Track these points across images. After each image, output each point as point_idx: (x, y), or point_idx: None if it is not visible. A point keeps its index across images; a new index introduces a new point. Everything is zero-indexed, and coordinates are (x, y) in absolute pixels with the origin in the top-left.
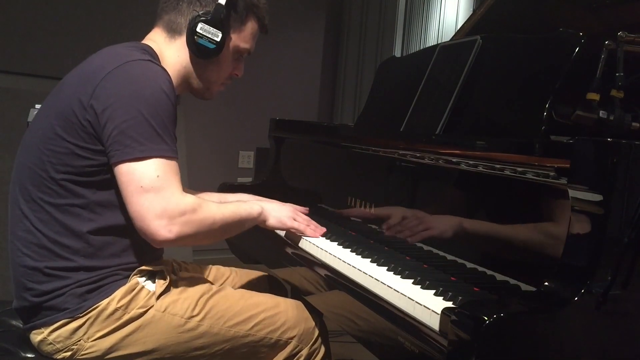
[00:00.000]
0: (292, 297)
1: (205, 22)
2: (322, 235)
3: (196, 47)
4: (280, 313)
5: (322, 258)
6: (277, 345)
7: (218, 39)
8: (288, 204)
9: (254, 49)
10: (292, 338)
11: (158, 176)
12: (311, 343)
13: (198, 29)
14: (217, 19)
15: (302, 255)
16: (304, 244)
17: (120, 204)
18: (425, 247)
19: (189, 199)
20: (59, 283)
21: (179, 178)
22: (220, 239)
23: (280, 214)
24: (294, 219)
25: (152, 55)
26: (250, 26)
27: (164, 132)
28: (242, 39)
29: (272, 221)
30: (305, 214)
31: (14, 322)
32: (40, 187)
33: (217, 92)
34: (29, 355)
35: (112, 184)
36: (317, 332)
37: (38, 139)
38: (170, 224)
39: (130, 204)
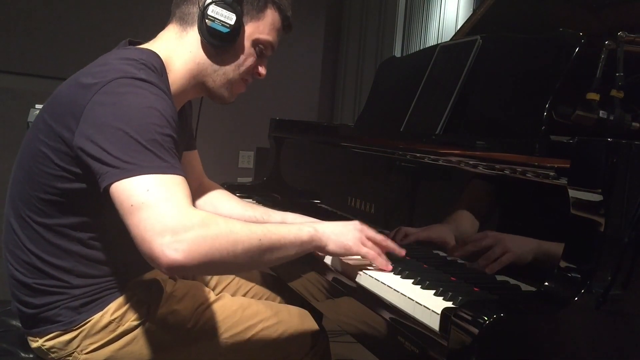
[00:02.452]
0: (292, 299)
1: (217, 4)
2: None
3: (208, 32)
4: (280, 322)
5: (321, 258)
6: (277, 355)
7: (232, 22)
8: (353, 222)
9: (277, 45)
10: (291, 347)
11: (148, 190)
12: (312, 352)
13: (209, 12)
14: (229, 1)
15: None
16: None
17: (110, 223)
18: (425, 247)
19: (198, 213)
20: (52, 298)
21: (183, 192)
22: (253, 267)
23: (344, 237)
24: (363, 243)
25: (152, 68)
26: (270, 16)
27: (156, 147)
28: (261, 29)
29: (332, 247)
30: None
31: (13, 322)
32: (29, 206)
33: (236, 93)
34: (29, 355)
35: (100, 206)
36: (317, 340)
37: (30, 156)
38: (175, 240)
39: (129, 228)
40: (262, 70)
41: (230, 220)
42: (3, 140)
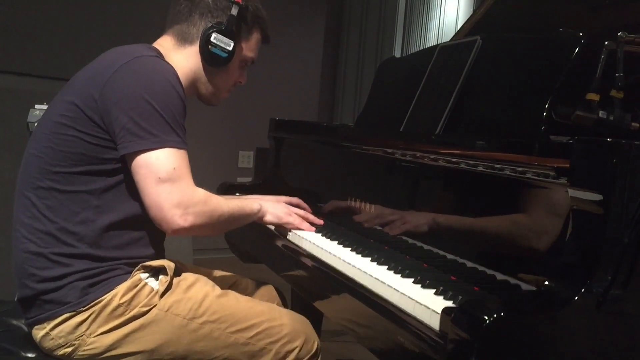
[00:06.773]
0: (293, 298)
1: (219, 32)
2: (323, 235)
3: (210, 55)
4: (283, 325)
5: (322, 257)
6: (276, 357)
7: (230, 48)
8: (281, 199)
9: (257, 57)
10: (291, 352)
11: (174, 168)
12: (309, 357)
13: (212, 39)
14: (229, 30)
15: (302, 255)
16: (305, 243)
17: (127, 193)
18: (426, 247)
19: (201, 191)
20: (61, 270)
21: (190, 170)
22: (222, 232)
23: (276, 210)
24: (290, 215)
25: (159, 54)
26: (256, 36)
27: (175, 124)
28: (249, 48)
29: (269, 217)
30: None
31: (14, 322)
32: (49, 175)
33: (223, 99)
34: (30, 355)
35: (120, 174)
36: (316, 346)
37: (48, 130)
38: (185, 213)
39: (148, 195)
40: (242, 79)
41: (218, 198)
42: (3, 140)
